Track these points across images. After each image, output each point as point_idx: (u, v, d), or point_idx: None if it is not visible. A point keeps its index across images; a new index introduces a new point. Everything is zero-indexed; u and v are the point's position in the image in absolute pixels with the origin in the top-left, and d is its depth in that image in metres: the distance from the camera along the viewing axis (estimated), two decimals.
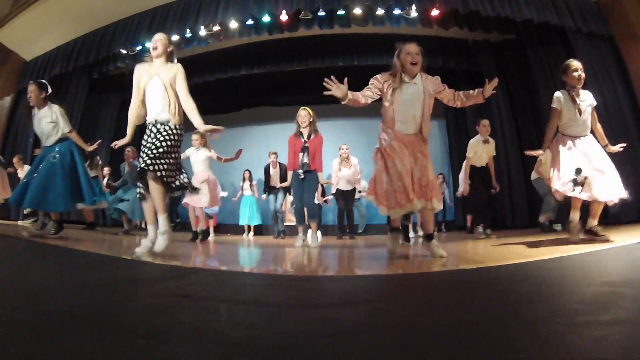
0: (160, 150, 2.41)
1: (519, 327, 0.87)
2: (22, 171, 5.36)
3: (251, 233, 6.79)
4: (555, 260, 1.97)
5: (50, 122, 3.23)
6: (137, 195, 2.57)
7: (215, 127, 2.48)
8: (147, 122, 2.58)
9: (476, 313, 1.04)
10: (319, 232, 4.03)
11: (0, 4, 6.09)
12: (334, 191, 5.45)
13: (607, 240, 2.54)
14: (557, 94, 2.76)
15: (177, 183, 2.51)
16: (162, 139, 2.45)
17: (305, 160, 3.76)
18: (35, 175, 3.14)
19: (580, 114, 2.67)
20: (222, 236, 6.53)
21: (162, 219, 2.44)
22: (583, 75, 2.68)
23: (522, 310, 1.03)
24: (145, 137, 2.55)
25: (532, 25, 5.16)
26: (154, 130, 2.51)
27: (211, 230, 6.34)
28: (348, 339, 0.84)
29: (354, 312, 1.12)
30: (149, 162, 2.36)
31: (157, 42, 2.54)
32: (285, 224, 6.37)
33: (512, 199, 5.90)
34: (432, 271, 2.01)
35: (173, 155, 2.51)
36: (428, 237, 2.47)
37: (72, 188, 3.21)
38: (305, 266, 2.44)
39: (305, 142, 3.81)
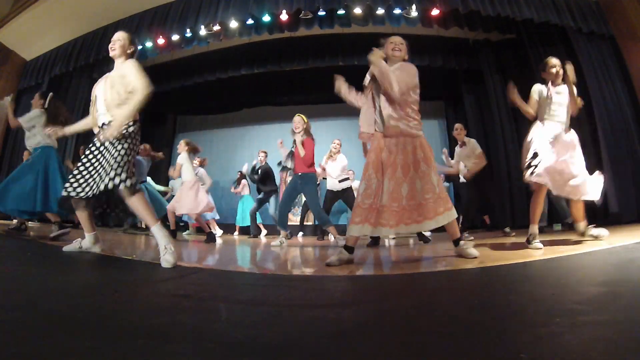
0: (124, 155, 2.08)
1: (519, 327, 0.87)
2: None
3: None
4: (555, 260, 1.97)
5: (29, 124, 3.38)
6: (67, 197, 2.17)
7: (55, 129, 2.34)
8: (98, 127, 2.23)
9: (476, 313, 1.04)
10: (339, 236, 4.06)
11: (0, 4, 6.09)
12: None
13: (603, 237, 2.66)
14: (536, 85, 2.88)
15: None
16: (121, 141, 2.10)
17: (289, 164, 3.93)
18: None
19: (555, 106, 2.76)
20: (223, 236, 6.52)
21: (157, 229, 2.05)
22: (561, 71, 2.79)
23: (522, 310, 1.03)
24: (93, 145, 2.20)
25: (532, 24, 5.15)
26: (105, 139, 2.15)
27: (217, 230, 6.33)
28: (348, 339, 0.84)
29: (354, 312, 1.12)
30: (113, 175, 2.01)
31: (114, 42, 2.24)
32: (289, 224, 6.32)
33: (512, 199, 5.90)
34: (432, 271, 2.01)
35: (133, 159, 2.18)
36: (456, 243, 2.29)
37: (28, 190, 3.21)
38: (305, 266, 2.44)
39: (292, 147, 3.96)
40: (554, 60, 2.83)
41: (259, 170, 5.76)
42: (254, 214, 6.03)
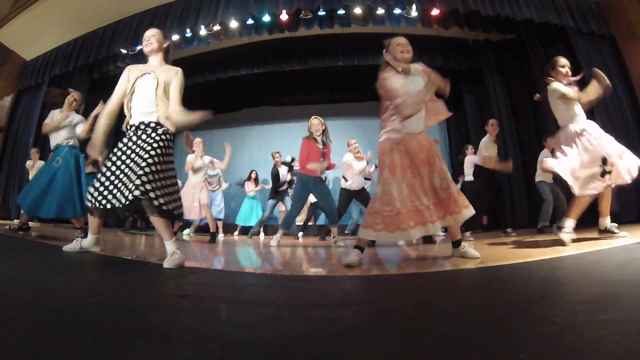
0: (155, 163, 1.92)
1: (519, 327, 0.87)
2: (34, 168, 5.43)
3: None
4: (555, 260, 1.97)
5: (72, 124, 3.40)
6: (86, 204, 2.06)
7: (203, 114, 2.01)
8: (129, 125, 2.09)
9: (476, 313, 1.04)
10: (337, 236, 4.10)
11: (0, 4, 6.10)
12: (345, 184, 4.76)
13: (625, 236, 2.63)
14: (556, 83, 2.80)
15: (180, 211, 2.06)
16: (154, 146, 1.96)
17: (326, 165, 3.89)
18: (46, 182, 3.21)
19: (577, 105, 2.75)
20: (224, 236, 6.52)
21: (171, 243, 1.98)
22: (570, 71, 2.80)
23: (522, 310, 1.03)
24: (124, 145, 2.03)
25: (532, 24, 5.16)
26: (141, 135, 2.02)
27: (220, 231, 6.33)
28: (348, 339, 0.84)
29: (354, 312, 1.12)
30: (142, 183, 1.83)
31: (150, 37, 2.18)
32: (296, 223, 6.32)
33: (512, 199, 5.90)
34: (432, 271, 2.01)
35: (170, 170, 2.05)
36: (455, 244, 2.28)
37: (69, 196, 3.19)
38: (305, 266, 2.44)
39: (323, 149, 3.91)
40: (563, 60, 2.83)
41: (289, 174, 5.76)
42: (266, 220, 6.01)
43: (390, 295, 1.41)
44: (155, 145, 1.97)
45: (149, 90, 2.07)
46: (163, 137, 2.03)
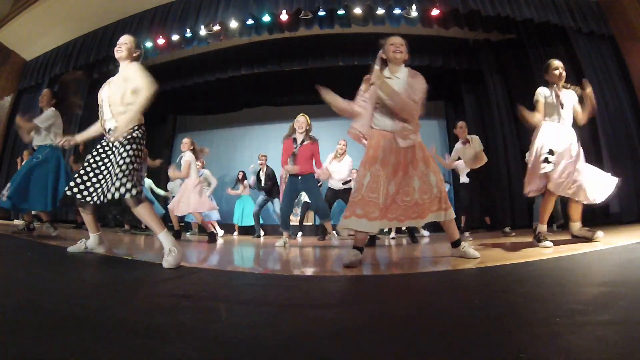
0: (127, 163, 2.04)
1: (519, 327, 0.87)
2: None
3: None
4: (555, 260, 1.97)
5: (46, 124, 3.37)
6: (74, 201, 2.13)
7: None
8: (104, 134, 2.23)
9: (476, 313, 1.04)
10: (334, 232, 4.03)
11: (0, 4, 6.10)
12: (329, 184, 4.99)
13: (599, 239, 2.62)
14: (541, 88, 2.89)
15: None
16: (121, 151, 2.07)
17: (294, 168, 3.79)
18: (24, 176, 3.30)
19: (562, 107, 2.77)
20: (224, 236, 6.52)
21: (163, 236, 2.02)
22: (564, 73, 2.81)
23: (522, 310, 1.04)
24: (101, 147, 2.18)
25: (532, 24, 5.15)
26: (111, 142, 2.15)
27: (219, 230, 6.33)
28: (348, 339, 0.84)
29: (354, 312, 1.12)
30: (118, 185, 1.97)
31: (122, 44, 2.25)
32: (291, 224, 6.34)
33: (512, 199, 5.90)
34: (432, 271, 2.01)
35: (139, 166, 2.15)
36: (455, 244, 2.29)
37: (51, 190, 3.28)
38: (305, 266, 2.44)
39: (296, 148, 3.82)
40: (557, 62, 2.84)
41: (265, 177, 5.82)
42: (257, 215, 6.06)
43: (390, 295, 1.41)
44: (122, 150, 2.07)
45: (104, 101, 2.20)
46: (129, 137, 2.10)
